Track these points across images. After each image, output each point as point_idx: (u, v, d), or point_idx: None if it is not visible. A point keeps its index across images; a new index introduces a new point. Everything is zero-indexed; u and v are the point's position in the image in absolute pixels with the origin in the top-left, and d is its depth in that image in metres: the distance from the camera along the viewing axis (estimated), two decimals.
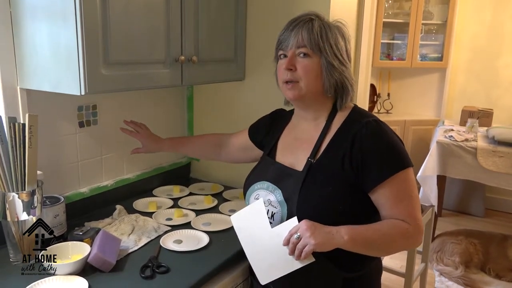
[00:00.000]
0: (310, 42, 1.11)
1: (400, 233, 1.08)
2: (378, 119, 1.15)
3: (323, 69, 1.12)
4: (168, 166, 2.01)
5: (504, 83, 4.06)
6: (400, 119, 4.15)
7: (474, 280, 2.86)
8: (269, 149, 1.31)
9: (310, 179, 1.13)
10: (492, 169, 3.04)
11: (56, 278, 1.13)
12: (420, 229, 1.11)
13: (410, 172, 1.11)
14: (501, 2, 3.97)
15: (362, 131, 1.11)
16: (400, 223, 1.08)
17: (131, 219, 1.55)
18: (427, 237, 2.58)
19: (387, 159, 1.09)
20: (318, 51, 1.11)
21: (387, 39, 4.23)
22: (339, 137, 1.15)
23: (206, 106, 2.04)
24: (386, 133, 1.12)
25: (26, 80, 1.32)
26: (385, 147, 1.10)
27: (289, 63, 1.13)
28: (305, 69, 1.12)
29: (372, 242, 1.08)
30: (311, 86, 1.14)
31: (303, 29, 1.12)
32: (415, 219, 1.10)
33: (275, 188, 1.18)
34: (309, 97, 1.16)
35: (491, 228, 3.59)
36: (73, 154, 1.58)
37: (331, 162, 1.12)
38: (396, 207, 1.09)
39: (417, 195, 1.14)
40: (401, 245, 1.13)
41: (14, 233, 1.21)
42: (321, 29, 1.12)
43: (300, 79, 1.14)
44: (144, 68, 1.36)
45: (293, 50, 1.13)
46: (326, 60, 1.12)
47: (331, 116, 1.19)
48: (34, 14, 1.24)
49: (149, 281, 1.17)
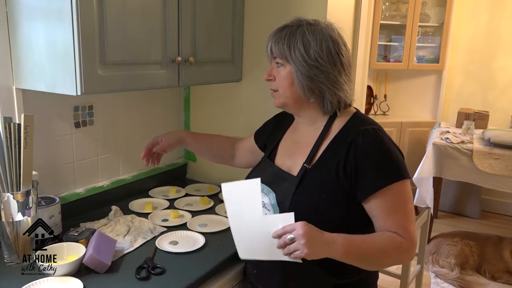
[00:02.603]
0: (279, 51, 1.13)
1: (394, 247, 1.06)
2: (377, 127, 1.12)
3: (294, 76, 1.12)
4: (164, 167, 2.00)
5: (500, 85, 4.08)
6: (396, 121, 4.15)
7: (469, 281, 2.87)
8: (269, 151, 1.31)
9: (304, 184, 1.12)
10: (488, 171, 3.05)
11: (51, 279, 1.13)
12: (414, 243, 1.08)
13: (406, 184, 1.09)
14: (497, 5, 3.99)
15: (358, 138, 1.09)
16: (395, 237, 1.06)
17: (126, 220, 1.55)
18: (423, 238, 2.58)
19: (382, 169, 1.07)
20: (286, 60, 1.12)
21: (384, 41, 4.24)
22: (335, 143, 1.13)
23: (203, 107, 2.03)
24: (383, 142, 1.09)
25: (22, 80, 1.32)
26: (381, 156, 1.08)
27: (268, 75, 1.19)
28: (279, 78, 1.15)
29: (365, 256, 1.06)
30: (288, 94, 1.15)
31: (273, 40, 1.14)
32: (409, 233, 1.07)
33: (269, 191, 1.18)
34: (292, 104, 1.17)
35: (487, 230, 3.60)
36: (69, 155, 1.58)
37: (326, 168, 1.11)
38: (389, 219, 1.07)
39: (412, 208, 1.11)
40: (395, 259, 1.11)
41: (8, 233, 1.20)
42: (290, 36, 1.11)
43: (278, 88, 1.17)
44: (140, 68, 1.35)
45: (273, 62, 1.17)
46: (295, 68, 1.11)
47: (329, 121, 1.17)
48: (30, 14, 1.24)
49: (145, 282, 1.17)
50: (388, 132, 1.14)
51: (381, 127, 1.15)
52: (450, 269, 2.93)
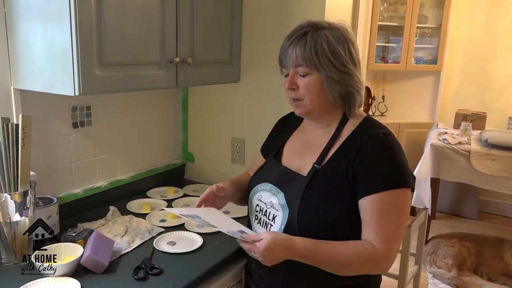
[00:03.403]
0: (305, 60, 1.08)
1: (361, 261, 1.05)
2: (388, 132, 1.11)
3: (324, 84, 1.10)
4: (162, 167, 2.00)
5: (497, 86, 4.09)
6: (394, 122, 4.16)
7: (466, 282, 2.87)
8: (275, 151, 1.29)
9: (313, 185, 1.11)
10: (485, 172, 3.06)
11: (49, 280, 1.13)
12: (390, 256, 1.06)
13: (405, 193, 1.07)
14: (495, 6, 4.00)
15: (368, 142, 1.08)
16: (367, 248, 1.04)
17: (124, 221, 1.55)
18: (421, 239, 2.59)
19: (384, 173, 1.06)
20: (315, 67, 1.09)
21: (382, 42, 4.25)
22: (346, 145, 1.13)
23: (201, 108, 2.04)
24: (392, 148, 1.08)
25: (20, 81, 1.32)
26: (386, 161, 1.07)
27: (290, 84, 1.13)
28: (306, 87, 1.11)
29: (326, 266, 1.07)
30: (316, 102, 1.12)
31: (297, 47, 1.09)
32: (389, 244, 1.05)
33: (278, 191, 1.17)
34: (317, 111, 1.15)
35: (484, 231, 3.61)
36: (67, 155, 1.57)
37: (336, 169, 1.11)
38: (374, 223, 1.05)
39: (404, 221, 1.08)
40: (363, 270, 1.09)
41: (6, 234, 1.20)
42: (315, 43, 1.08)
43: (304, 97, 1.13)
44: (139, 69, 1.36)
45: (292, 70, 1.12)
46: (326, 75, 1.09)
47: (341, 123, 1.16)
48: (28, 14, 1.24)
49: (142, 282, 1.17)
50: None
51: (391, 132, 1.14)
52: (448, 270, 2.93)
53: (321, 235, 1.06)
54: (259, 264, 1.18)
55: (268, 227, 1.17)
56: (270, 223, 1.16)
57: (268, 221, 1.17)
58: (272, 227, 1.16)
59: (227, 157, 1.99)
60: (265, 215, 1.18)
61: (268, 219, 1.17)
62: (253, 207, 1.24)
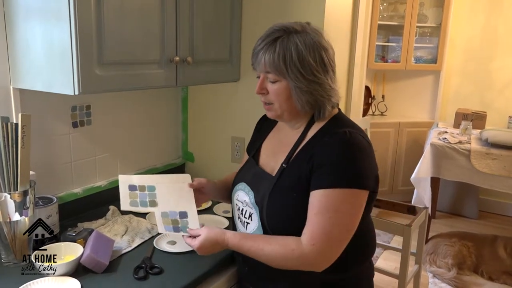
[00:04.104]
0: (273, 67, 1.08)
1: (284, 257, 1.05)
2: (352, 131, 1.09)
3: (292, 92, 1.10)
4: (162, 167, 2.00)
5: (497, 85, 4.09)
6: (394, 121, 4.16)
7: (466, 282, 2.87)
8: (254, 151, 1.31)
9: (279, 184, 1.13)
10: (485, 171, 3.06)
11: (49, 279, 1.13)
12: (317, 256, 1.03)
13: (356, 194, 1.04)
14: (494, 5, 4.00)
15: (327, 140, 1.08)
16: (290, 245, 1.05)
17: (124, 220, 1.54)
18: (421, 238, 2.59)
19: (335, 170, 1.04)
20: (283, 76, 1.08)
21: (382, 42, 4.25)
22: (310, 144, 1.13)
23: (201, 107, 2.03)
24: (350, 146, 1.06)
25: (19, 80, 1.32)
26: (341, 159, 1.05)
27: (259, 88, 1.15)
28: (275, 94, 1.12)
29: (256, 258, 1.11)
30: (285, 107, 1.13)
31: (266, 53, 1.09)
32: (315, 242, 1.02)
33: (249, 190, 1.20)
34: (287, 115, 1.15)
35: (485, 230, 3.61)
36: (67, 155, 1.57)
37: (298, 169, 1.11)
38: (310, 219, 1.04)
39: (345, 223, 1.04)
40: (289, 265, 1.08)
41: (6, 233, 1.20)
42: (285, 51, 1.06)
43: (273, 102, 1.14)
44: (138, 68, 1.35)
45: (263, 74, 1.13)
46: (293, 84, 1.08)
47: (310, 123, 1.17)
48: (27, 13, 1.24)
49: (142, 282, 1.17)
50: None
51: (362, 131, 1.13)
52: (448, 269, 2.93)
53: (290, 232, 1.08)
54: (243, 263, 1.22)
55: (245, 225, 1.21)
56: (247, 221, 1.20)
57: (245, 219, 1.21)
58: (249, 224, 1.19)
59: (227, 156, 1.98)
60: (242, 213, 1.22)
61: (245, 218, 1.21)
62: (233, 205, 1.28)
